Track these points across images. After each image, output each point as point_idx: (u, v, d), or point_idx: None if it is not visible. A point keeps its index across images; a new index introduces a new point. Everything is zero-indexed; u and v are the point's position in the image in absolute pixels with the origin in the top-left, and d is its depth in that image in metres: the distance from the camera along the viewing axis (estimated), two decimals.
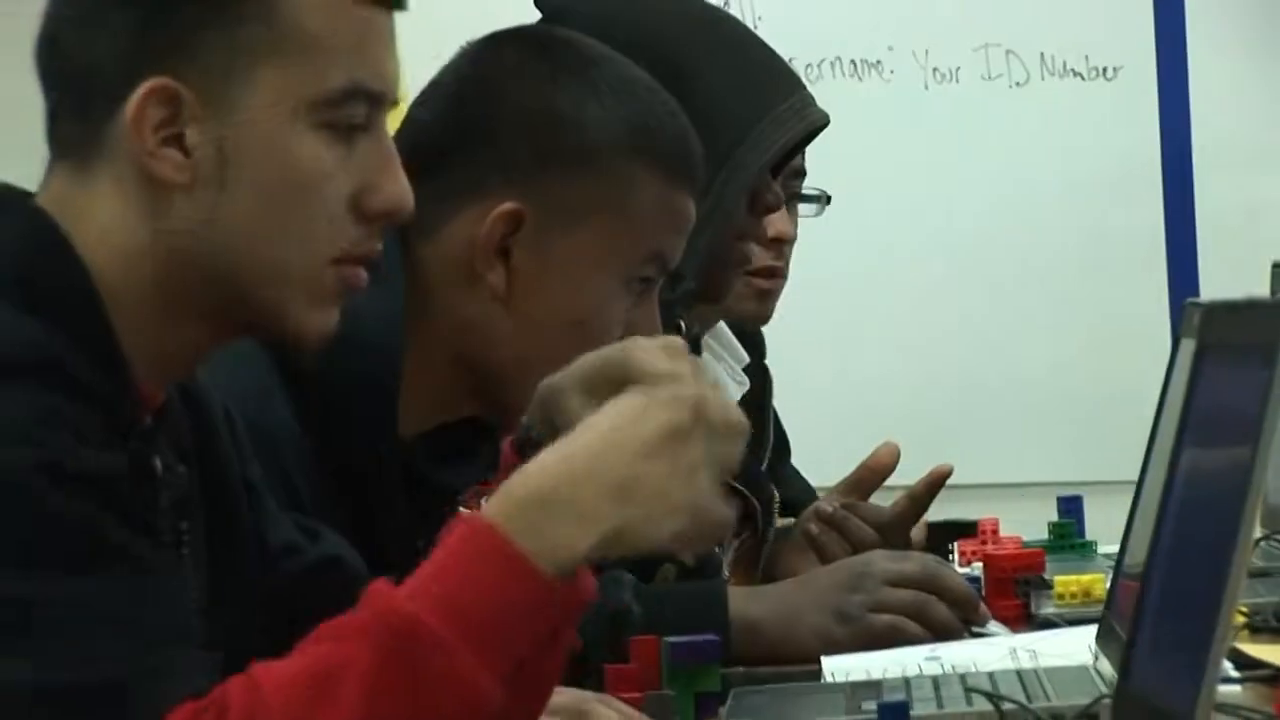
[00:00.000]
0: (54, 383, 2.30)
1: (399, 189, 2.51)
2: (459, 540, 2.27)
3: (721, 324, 4.08)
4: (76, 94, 2.53)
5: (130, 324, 2.44)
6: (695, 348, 3.86)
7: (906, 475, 4.53)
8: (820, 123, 3.97)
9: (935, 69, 5.91)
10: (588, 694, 2.93)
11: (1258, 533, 3.47)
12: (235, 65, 2.44)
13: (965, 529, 4.19)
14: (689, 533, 2.25)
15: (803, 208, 4.39)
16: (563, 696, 2.84)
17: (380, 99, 2.50)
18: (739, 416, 2.31)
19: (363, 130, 2.49)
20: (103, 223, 2.48)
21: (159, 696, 2.19)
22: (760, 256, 4.15)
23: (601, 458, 2.27)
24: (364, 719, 2.20)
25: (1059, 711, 2.89)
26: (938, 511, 4.10)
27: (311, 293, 2.50)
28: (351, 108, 2.47)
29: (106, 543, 2.28)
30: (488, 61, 3.27)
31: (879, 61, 5.87)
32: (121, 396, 2.41)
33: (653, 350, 2.44)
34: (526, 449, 2.60)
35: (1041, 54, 5.84)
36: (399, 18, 2.60)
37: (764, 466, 4.21)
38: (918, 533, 4.24)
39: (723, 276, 3.89)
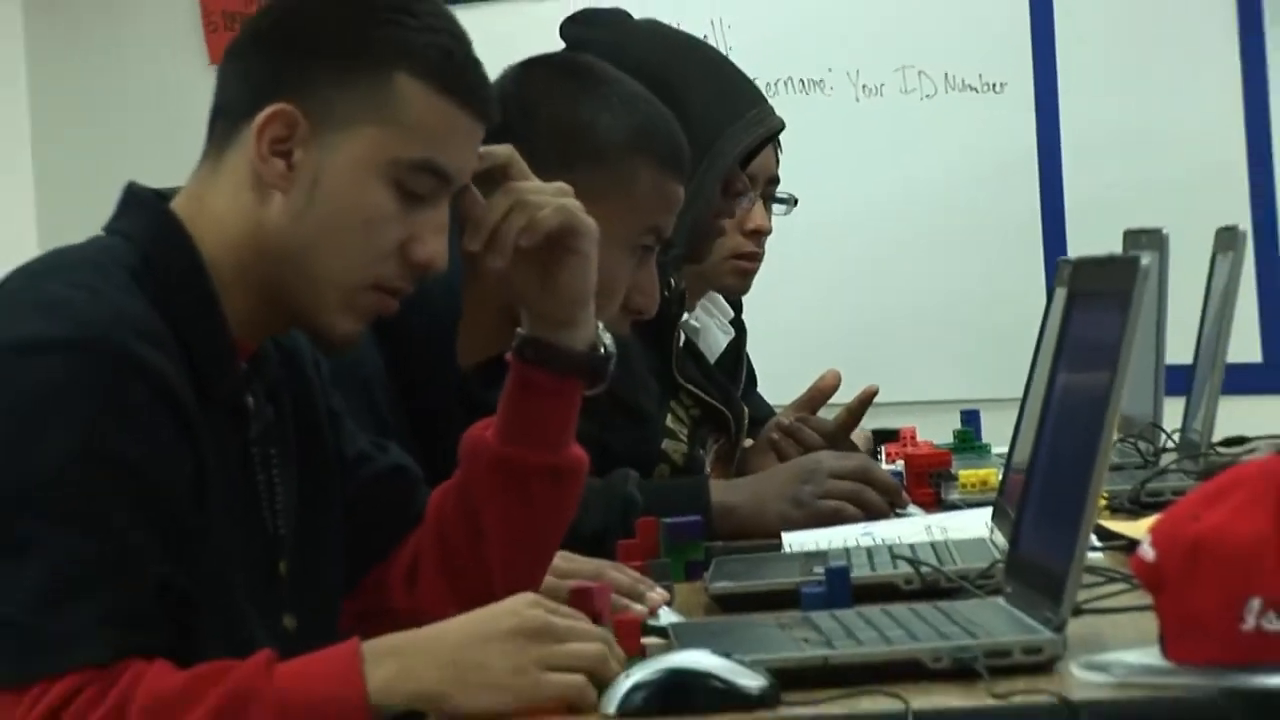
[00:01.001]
0: (126, 365, 2.31)
1: (439, 251, 2.51)
2: (343, 643, 2.28)
3: (713, 292, 4.08)
4: (225, 108, 2.55)
5: (227, 293, 2.48)
6: (680, 302, 3.88)
7: (842, 395, 4.53)
8: (777, 127, 3.97)
9: (864, 85, 5.89)
10: (604, 562, 2.93)
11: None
12: (345, 116, 2.48)
13: (890, 435, 4.19)
14: (512, 708, 2.18)
15: (776, 206, 4.40)
16: (585, 565, 2.85)
17: (448, 179, 2.52)
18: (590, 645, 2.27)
19: (426, 198, 2.50)
20: (219, 211, 2.52)
21: (72, 652, 2.19)
22: (742, 244, 4.17)
23: (447, 637, 2.27)
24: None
25: (964, 572, 2.89)
26: (868, 423, 4.09)
27: (347, 304, 2.51)
28: (421, 178, 2.49)
29: (106, 516, 2.26)
30: (525, 81, 3.28)
31: (821, 80, 5.85)
32: (218, 351, 2.45)
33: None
34: (525, 351, 2.68)
35: (945, 73, 5.82)
36: None
37: (740, 393, 4.22)
38: (865, 443, 4.27)
39: (703, 244, 3.89)
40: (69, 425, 2.27)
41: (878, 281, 5.70)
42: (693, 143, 3.34)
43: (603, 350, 2.73)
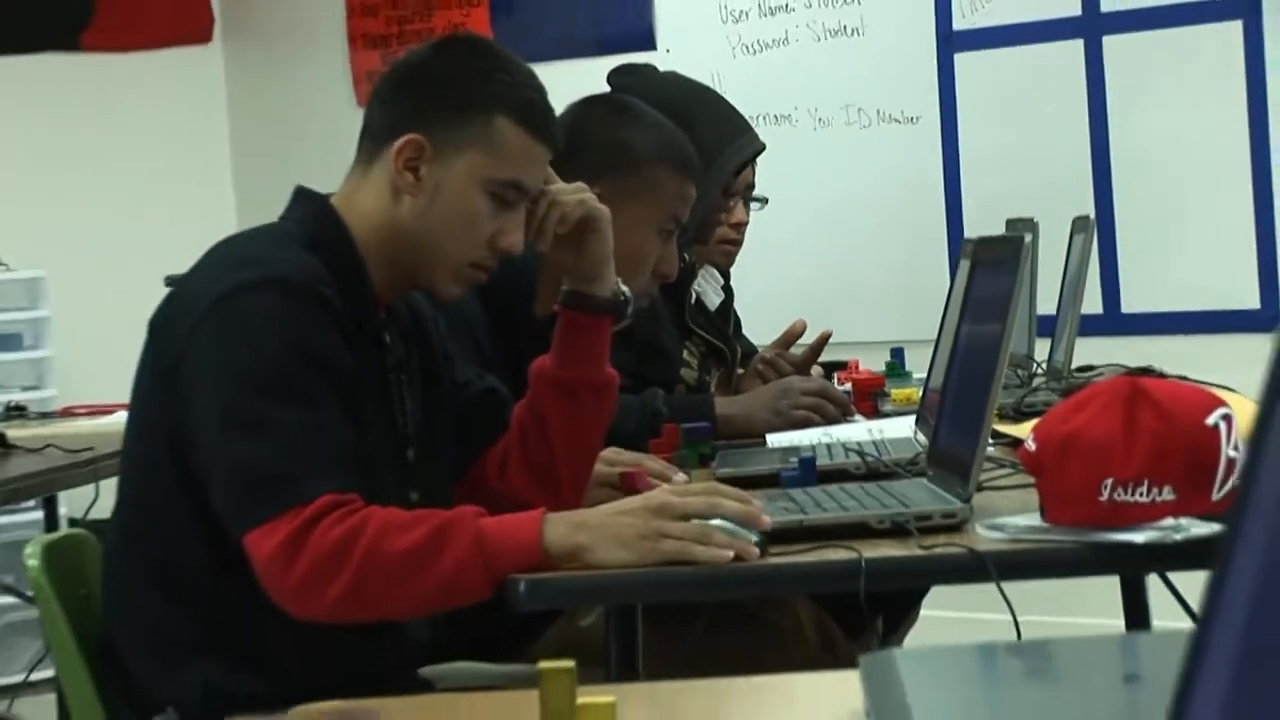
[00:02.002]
0: (308, 297, 2.39)
1: (519, 240, 2.57)
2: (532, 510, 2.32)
3: (709, 265, 4.06)
4: (372, 132, 2.59)
5: (370, 264, 2.52)
6: (691, 271, 3.87)
7: (807, 337, 4.51)
8: (761, 148, 3.95)
9: (819, 119, 5.85)
10: (642, 455, 2.91)
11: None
12: (458, 144, 2.52)
13: (840, 366, 4.15)
14: (634, 562, 2.20)
15: (752, 205, 4.38)
16: (628, 456, 2.83)
17: (527, 191, 2.57)
18: (700, 509, 2.27)
19: (511, 206, 2.55)
20: (365, 207, 2.55)
21: (313, 484, 2.26)
22: (728, 233, 4.14)
23: (599, 512, 2.29)
24: (408, 551, 2.22)
25: (897, 461, 2.85)
26: (825, 356, 4.03)
27: (454, 276, 2.56)
28: (509, 191, 2.54)
29: (315, 396, 2.35)
30: (581, 113, 3.25)
31: (789, 115, 5.84)
32: (365, 303, 2.50)
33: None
34: (568, 300, 2.68)
35: (877, 109, 5.78)
36: None
37: (731, 333, 4.21)
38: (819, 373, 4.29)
39: (708, 231, 3.88)
40: (280, 335, 2.36)
41: (830, 258, 5.63)
42: (701, 157, 3.32)
43: (621, 297, 2.71)
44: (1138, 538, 2.18)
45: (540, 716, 1.35)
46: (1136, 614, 3.31)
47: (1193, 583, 2.64)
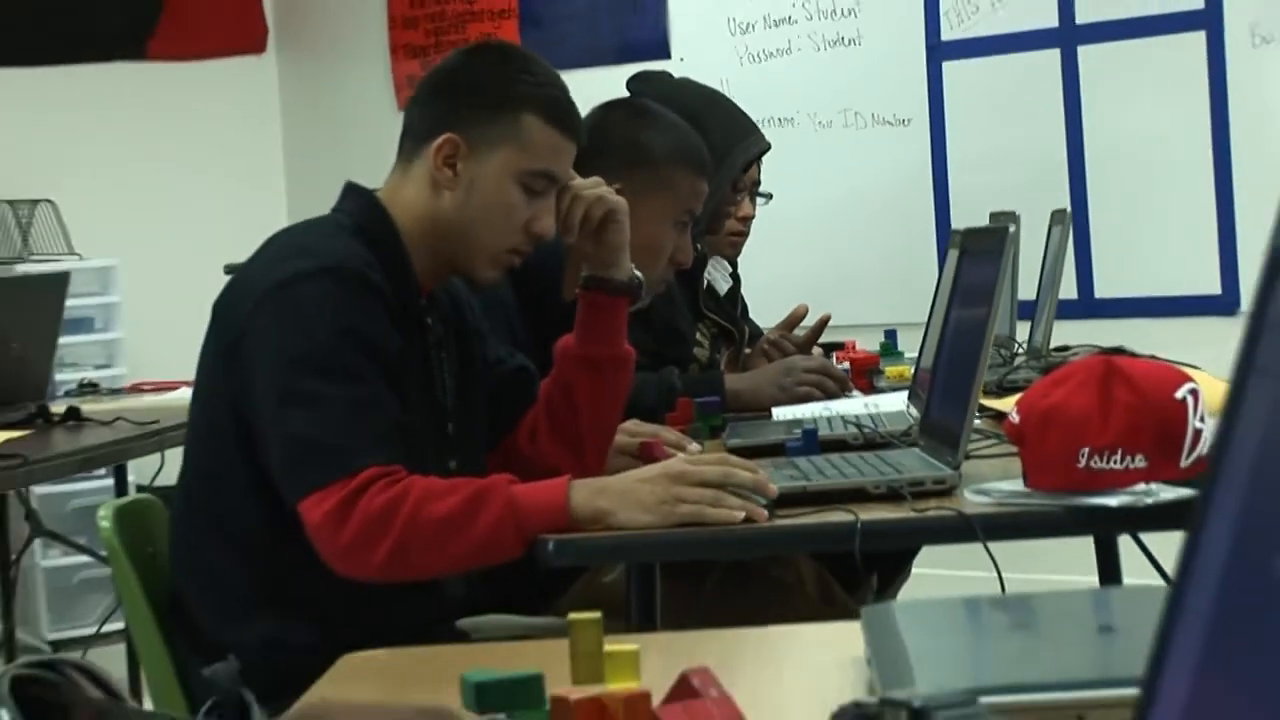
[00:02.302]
0: (350, 284, 2.40)
1: (551, 225, 2.57)
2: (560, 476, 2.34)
3: (718, 255, 4.04)
4: (412, 132, 2.58)
5: (414, 252, 2.51)
6: (704, 260, 3.86)
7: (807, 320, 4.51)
8: (766, 147, 3.94)
9: (819, 121, 5.83)
10: (659, 426, 2.90)
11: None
12: (491, 141, 2.52)
13: (839, 346, 4.12)
14: (653, 525, 2.22)
15: (758, 200, 4.37)
16: (647, 428, 2.83)
17: (556, 180, 2.57)
18: (715, 478, 2.28)
19: (542, 194, 2.55)
20: (408, 201, 2.53)
21: (361, 456, 2.28)
22: (735, 225, 4.10)
23: (621, 479, 2.30)
24: (447, 515, 2.23)
25: (891, 432, 2.85)
26: (825, 337, 4.02)
27: (491, 261, 2.55)
28: (539, 181, 2.54)
29: (364, 376, 2.36)
30: (603, 116, 3.24)
31: (791, 118, 5.81)
32: (409, 288, 2.49)
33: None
34: (589, 283, 2.67)
35: (872, 113, 5.76)
36: None
37: (739, 316, 4.20)
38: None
39: (719, 223, 3.88)
40: (333, 320, 2.37)
41: (829, 248, 5.60)
42: (712, 156, 3.30)
43: (636, 280, 2.69)
44: (1112, 501, 2.18)
45: (571, 662, 1.36)
46: (1109, 571, 3.31)
47: (1162, 542, 2.65)
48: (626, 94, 3.59)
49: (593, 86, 3.52)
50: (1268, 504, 0.79)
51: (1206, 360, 2.92)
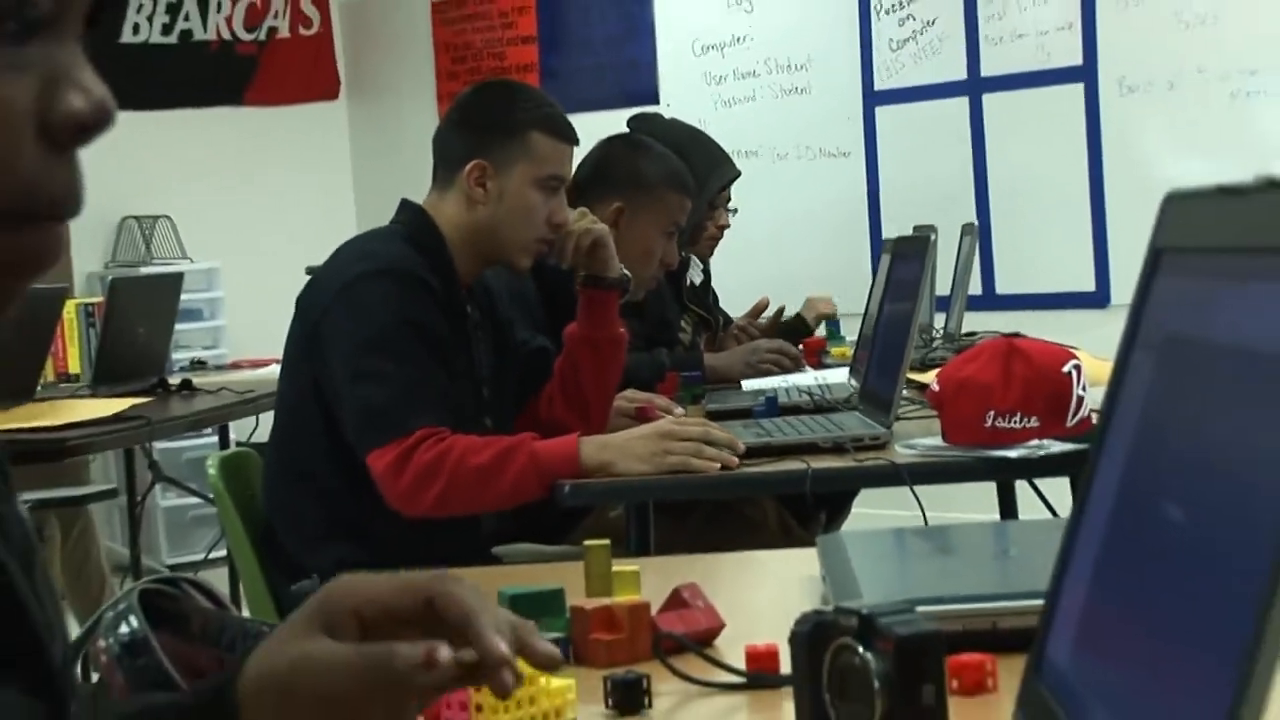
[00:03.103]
0: (408, 282, 2.39)
1: (566, 215, 2.55)
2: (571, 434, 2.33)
3: (693, 255, 4.00)
4: (443, 159, 2.57)
5: (456, 255, 2.49)
6: (686, 262, 3.83)
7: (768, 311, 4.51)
8: (737, 174, 3.93)
9: (777, 154, 5.83)
10: (652, 395, 2.85)
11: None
12: (511, 159, 2.49)
13: (795, 337, 4.10)
14: (647, 472, 2.22)
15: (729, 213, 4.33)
16: (641, 396, 2.80)
17: (564, 180, 2.56)
18: (698, 435, 2.28)
19: (555, 191, 2.53)
20: (449, 212, 2.51)
21: (415, 420, 2.26)
22: (714, 232, 4.05)
23: (620, 436, 2.30)
24: (483, 465, 2.23)
25: (838, 398, 2.83)
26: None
27: (524, 251, 2.52)
28: (552, 182, 2.52)
29: (418, 355, 2.34)
30: (607, 148, 3.20)
31: (756, 150, 5.76)
32: (452, 283, 2.47)
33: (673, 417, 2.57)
34: (585, 282, 2.63)
35: (819, 148, 5.75)
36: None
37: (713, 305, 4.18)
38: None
39: (698, 234, 3.85)
40: (392, 310, 2.35)
41: (786, 252, 5.56)
42: (695, 180, 3.27)
43: (624, 277, 2.65)
44: (1012, 454, 2.17)
45: (585, 580, 1.34)
46: (1008, 509, 3.30)
47: (1051, 486, 2.64)
48: (626, 130, 3.57)
49: (599, 125, 3.50)
50: (1148, 449, 0.78)
51: (1084, 343, 2.91)
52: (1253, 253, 0.69)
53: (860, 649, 0.96)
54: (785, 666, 1.07)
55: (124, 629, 1.18)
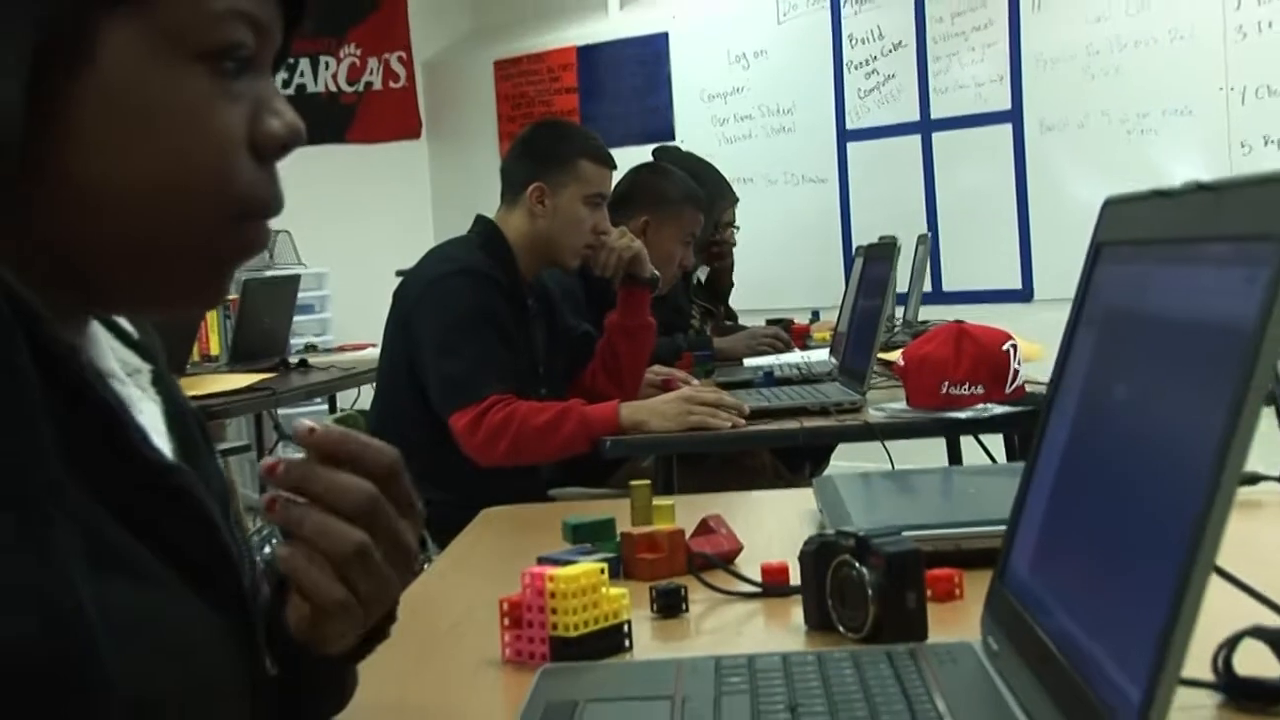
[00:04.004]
0: (481, 280, 2.36)
1: (607, 225, 2.53)
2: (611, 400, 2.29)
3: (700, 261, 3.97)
4: (509, 182, 2.54)
5: (519, 258, 2.46)
6: (696, 266, 3.79)
7: (760, 305, 4.47)
8: (737, 199, 3.91)
9: (769, 180, 5.78)
10: (672, 369, 2.83)
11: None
12: (563, 182, 2.47)
13: (787, 325, 4.07)
14: (672, 429, 2.20)
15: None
16: (665, 370, 2.77)
17: (606, 196, 2.55)
18: (712, 400, 2.25)
19: (599, 206, 2.52)
20: (515, 224, 2.49)
21: (486, 388, 2.24)
22: (721, 247, 3.99)
23: (650, 401, 2.26)
24: (542, 425, 2.20)
25: (821, 372, 2.81)
26: (777, 317, 3.97)
27: (574, 255, 2.51)
28: (596, 199, 2.50)
29: (488, 337, 2.31)
30: (637, 174, 3.19)
31: (751, 178, 5.70)
32: (516, 280, 2.45)
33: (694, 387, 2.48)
34: (625, 282, 2.58)
35: (802, 175, 5.71)
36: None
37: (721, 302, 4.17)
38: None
39: (706, 246, 3.80)
40: (467, 302, 2.33)
41: (778, 258, 5.46)
42: (707, 201, 3.25)
43: (654, 276, 2.63)
44: (962, 415, 2.16)
45: (631, 512, 1.33)
46: (955, 458, 3.28)
47: (991, 441, 2.62)
48: (651, 159, 3.56)
49: (628, 157, 3.47)
50: (1092, 401, 0.77)
51: (1013, 330, 2.88)
52: (1180, 242, 0.68)
53: (857, 564, 0.95)
54: (794, 579, 1.07)
55: (267, 549, 1.17)
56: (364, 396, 4.25)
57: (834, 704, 0.73)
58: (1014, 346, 2.20)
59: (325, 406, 5.12)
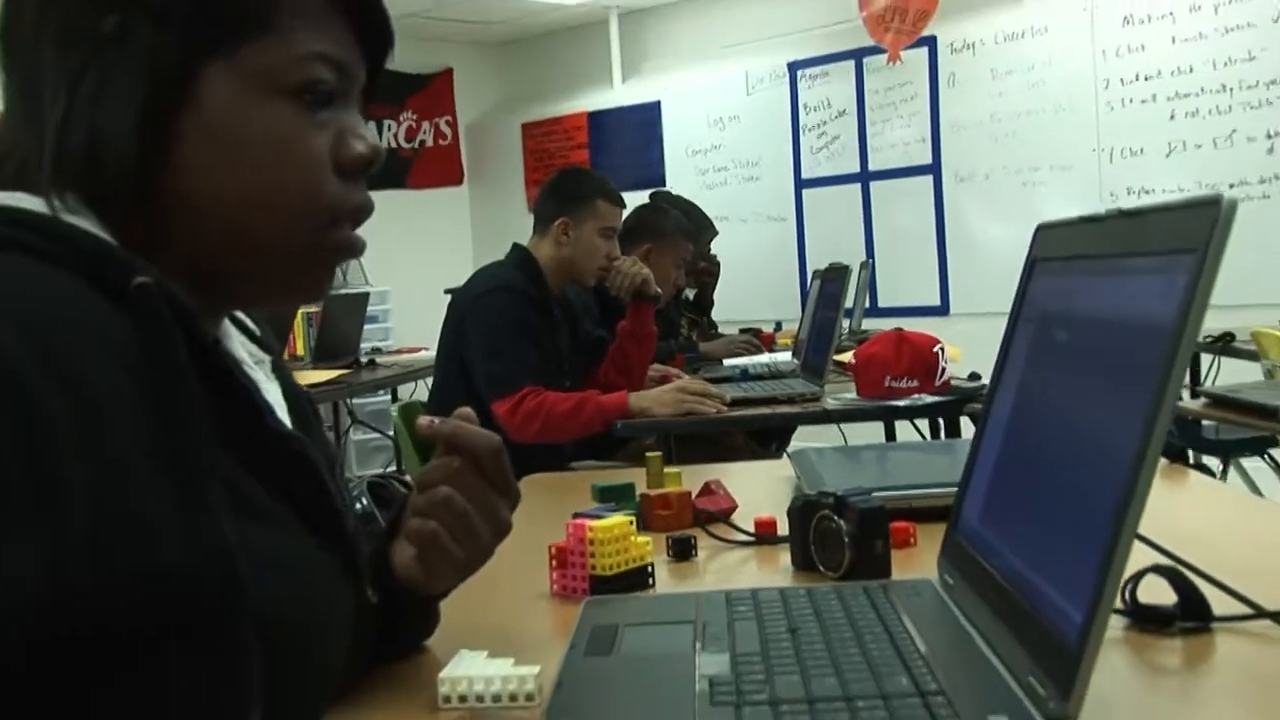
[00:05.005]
0: (518, 295, 2.32)
1: (618, 252, 2.48)
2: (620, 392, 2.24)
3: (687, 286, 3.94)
4: (540, 217, 2.49)
5: (548, 278, 2.43)
6: (682, 287, 3.76)
7: (735, 316, 4.45)
8: (717, 233, 3.89)
9: (740, 219, 5.73)
10: (668, 367, 2.81)
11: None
12: (584, 218, 2.43)
13: (757, 333, 4.05)
14: (671, 414, 2.16)
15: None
16: (660, 369, 2.73)
17: (617, 230, 2.48)
18: (701, 391, 2.20)
19: (611, 238, 2.45)
20: (544, 252, 2.45)
21: (521, 382, 2.21)
22: (705, 274, 3.98)
23: (652, 390, 2.23)
24: (566, 411, 2.17)
25: (784, 369, 2.78)
26: (750, 327, 3.96)
27: (592, 275, 2.47)
28: (609, 232, 2.44)
29: (525, 340, 2.27)
30: (639, 212, 3.13)
31: (727, 216, 5.62)
32: (545, 296, 2.41)
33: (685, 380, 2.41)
34: (635, 298, 2.53)
35: (767, 214, 5.64)
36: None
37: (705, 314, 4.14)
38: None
39: (692, 270, 3.77)
40: (507, 313, 2.29)
41: (748, 279, 5.40)
42: (695, 233, 3.23)
43: (657, 294, 2.61)
44: (901, 403, 2.15)
45: (646, 478, 1.32)
46: (890, 438, 3.27)
47: (923, 425, 2.60)
48: (649, 200, 3.54)
49: (631, 199, 3.42)
50: (1030, 383, 0.76)
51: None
52: (1106, 257, 0.68)
53: (835, 518, 0.94)
54: (781, 530, 1.06)
55: (358, 506, 1.16)
56: (419, 390, 4.23)
57: (825, 626, 0.72)
58: (942, 349, 2.20)
59: (388, 397, 5.10)
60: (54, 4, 0.61)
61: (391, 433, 4.66)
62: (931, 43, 5.04)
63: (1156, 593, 0.80)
